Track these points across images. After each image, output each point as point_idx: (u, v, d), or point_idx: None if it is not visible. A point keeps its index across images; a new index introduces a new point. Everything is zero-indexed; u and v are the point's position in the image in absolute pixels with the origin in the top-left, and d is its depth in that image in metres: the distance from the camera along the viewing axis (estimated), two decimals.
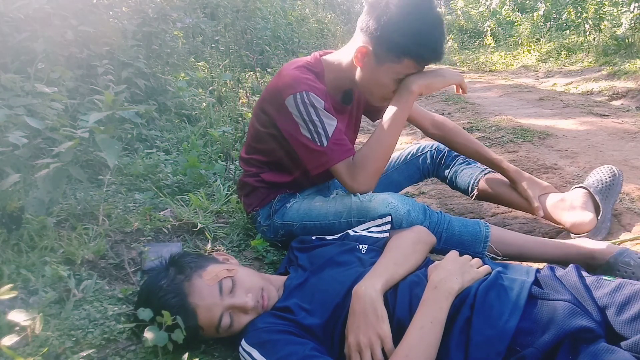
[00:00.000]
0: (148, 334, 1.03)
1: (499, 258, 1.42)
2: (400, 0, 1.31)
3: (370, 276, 1.13)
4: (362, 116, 1.81)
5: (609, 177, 1.67)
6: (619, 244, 1.52)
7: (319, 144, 1.43)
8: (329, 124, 1.43)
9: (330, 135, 1.42)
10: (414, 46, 1.32)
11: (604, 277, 1.08)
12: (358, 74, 1.47)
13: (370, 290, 1.08)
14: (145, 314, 1.06)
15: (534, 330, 0.95)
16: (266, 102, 1.56)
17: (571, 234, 1.64)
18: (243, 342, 1.07)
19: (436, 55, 1.37)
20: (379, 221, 1.39)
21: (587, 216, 1.61)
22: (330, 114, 1.45)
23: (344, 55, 1.51)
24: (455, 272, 1.10)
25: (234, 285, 1.13)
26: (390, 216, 1.38)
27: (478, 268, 1.15)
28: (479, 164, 1.89)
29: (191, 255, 1.23)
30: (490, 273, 1.12)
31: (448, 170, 1.90)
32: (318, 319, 1.10)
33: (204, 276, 1.12)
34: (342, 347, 1.08)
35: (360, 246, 1.32)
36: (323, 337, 1.09)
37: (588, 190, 1.66)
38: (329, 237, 1.44)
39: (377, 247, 1.32)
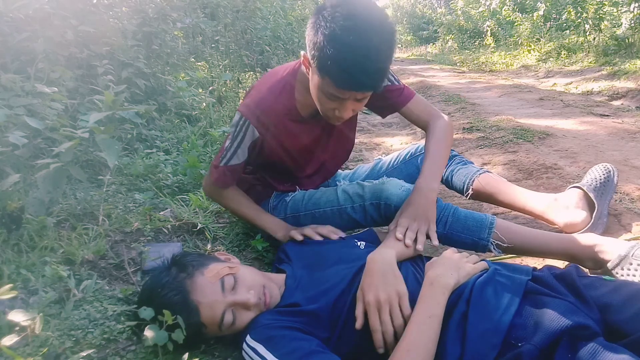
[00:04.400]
0: (148, 333, 1.03)
1: (504, 245, 1.42)
2: (342, 21, 1.17)
3: (384, 247, 1.23)
4: (364, 117, 1.80)
5: (604, 175, 1.68)
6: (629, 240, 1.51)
7: (221, 158, 1.54)
8: (237, 157, 1.52)
9: (228, 164, 1.53)
10: (331, 68, 1.21)
11: (603, 277, 1.08)
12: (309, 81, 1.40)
13: (387, 255, 1.17)
14: (146, 312, 1.06)
15: (528, 325, 0.96)
16: None
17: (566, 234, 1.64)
18: (248, 338, 1.07)
19: (355, 84, 1.24)
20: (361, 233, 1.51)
21: (579, 215, 1.61)
22: (243, 152, 1.51)
23: None
24: (451, 268, 1.12)
25: (236, 283, 1.14)
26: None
27: (474, 264, 1.16)
28: (474, 164, 1.91)
29: (193, 254, 1.24)
30: (486, 269, 1.14)
31: (444, 169, 1.90)
32: (324, 303, 1.13)
33: (206, 274, 1.13)
34: (349, 331, 1.10)
35: (359, 243, 1.36)
36: (329, 320, 1.11)
37: (582, 189, 1.67)
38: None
39: (376, 242, 1.36)
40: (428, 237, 1.35)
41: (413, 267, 1.21)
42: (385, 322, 1.06)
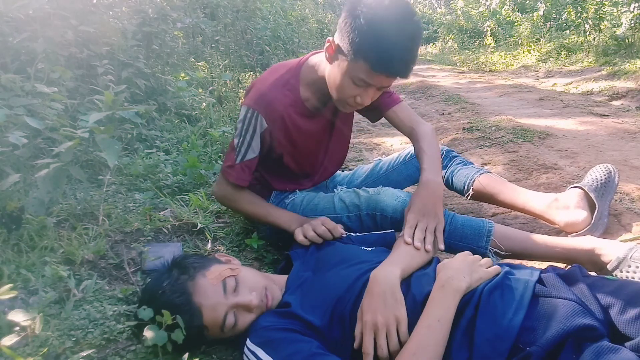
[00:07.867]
0: (148, 333, 1.03)
1: (503, 253, 1.41)
2: (383, 8, 1.24)
3: (389, 263, 1.16)
4: (364, 117, 1.81)
5: (605, 175, 1.67)
6: (626, 241, 1.51)
7: (234, 156, 1.53)
8: (253, 150, 1.51)
9: (245, 159, 1.52)
10: (371, 50, 1.26)
11: (606, 277, 1.07)
12: (327, 69, 1.44)
13: (390, 275, 1.11)
14: (145, 313, 1.06)
15: (536, 328, 0.95)
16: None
17: (567, 234, 1.64)
18: (248, 342, 1.07)
19: (392, 68, 1.29)
20: (383, 232, 1.46)
21: (580, 215, 1.61)
22: (257, 144, 1.50)
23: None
24: (463, 271, 1.09)
25: (238, 284, 1.14)
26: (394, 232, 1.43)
27: (488, 268, 1.13)
28: (474, 165, 1.90)
29: (193, 256, 1.23)
30: (499, 274, 1.11)
31: (445, 170, 1.91)
32: (320, 318, 1.10)
33: (208, 275, 1.12)
34: (345, 346, 1.08)
35: (365, 247, 1.35)
36: (329, 334, 1.09)
37: (583, 189, 1.67)
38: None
39: (384, 243, 1.36)
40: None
41: (423, 279, 1.15)
42: (380, 347, 1.02)
